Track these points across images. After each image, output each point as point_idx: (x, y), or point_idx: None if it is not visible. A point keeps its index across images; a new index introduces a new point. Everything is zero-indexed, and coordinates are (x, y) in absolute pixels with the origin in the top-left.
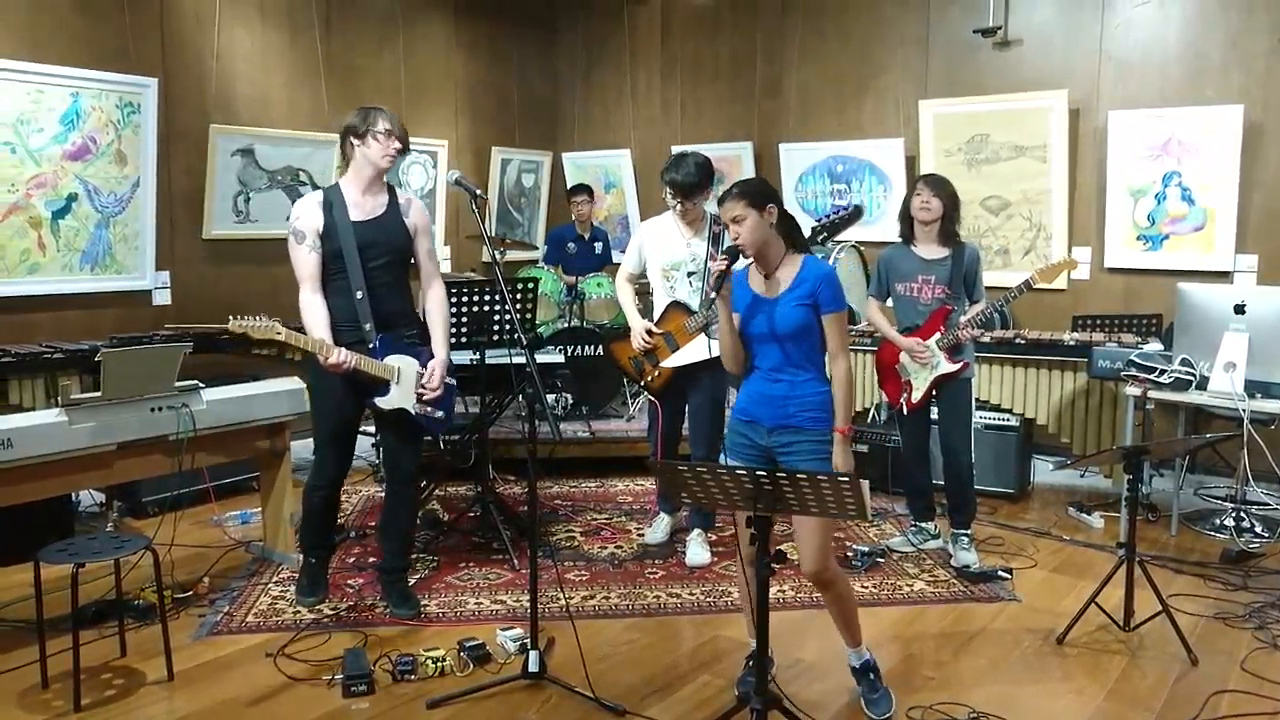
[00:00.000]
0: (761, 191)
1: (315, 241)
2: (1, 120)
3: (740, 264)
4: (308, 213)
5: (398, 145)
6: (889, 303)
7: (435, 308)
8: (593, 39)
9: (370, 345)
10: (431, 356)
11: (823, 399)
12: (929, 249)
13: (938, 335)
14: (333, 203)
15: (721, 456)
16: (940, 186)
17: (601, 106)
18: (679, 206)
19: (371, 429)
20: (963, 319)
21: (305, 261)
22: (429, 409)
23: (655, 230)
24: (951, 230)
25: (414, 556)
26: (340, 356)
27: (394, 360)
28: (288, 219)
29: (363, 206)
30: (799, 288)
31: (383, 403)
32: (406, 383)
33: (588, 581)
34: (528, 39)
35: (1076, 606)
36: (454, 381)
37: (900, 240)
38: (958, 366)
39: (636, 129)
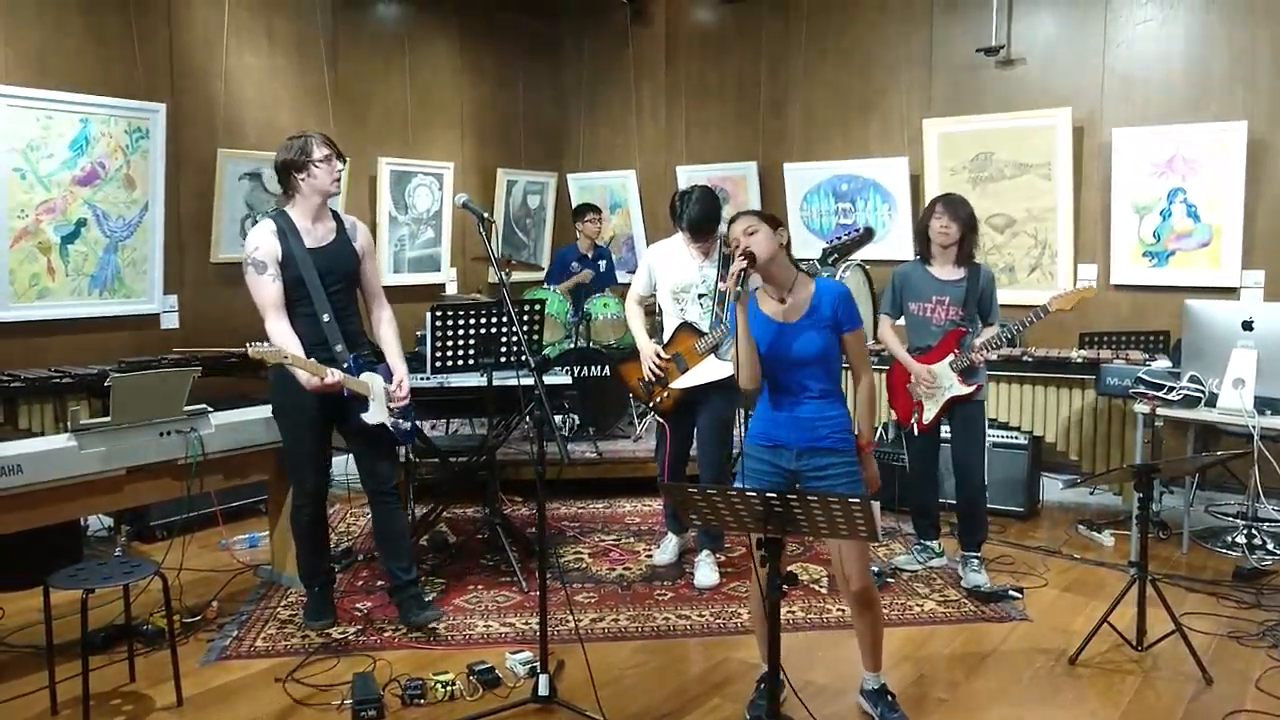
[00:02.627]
0: (771, 216)
1: (276, 270)
2: (11, 146)
3: (754, 281)
4: (265, 242)
5: (339, 167)
6: (901, 321)
7: (388, 326)
8: (597, 60)
9: (345, 365)
10: (389, 372)
11: (847, 420)
12: (945, 270)
13: (951, 358)
14: (286, 230)
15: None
16: (958, 208)
17: (607, 127)
18: (695, 243)
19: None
20: (977, 341)
21: (269, 290)
22: (398, 420)
23: (665, 253)
24: (969, 252)
25: (422, 580)
26: (334, 376)
27: (366, 377)
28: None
29: (314, 234)
30: (817, 311)
31: (368, 418)
32: (379, 398)
33: (596, 603)
34: (533, 61)
35: (1088, 626)
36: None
37: (917, 258)
38: (971, 389)
39: (641, 150)
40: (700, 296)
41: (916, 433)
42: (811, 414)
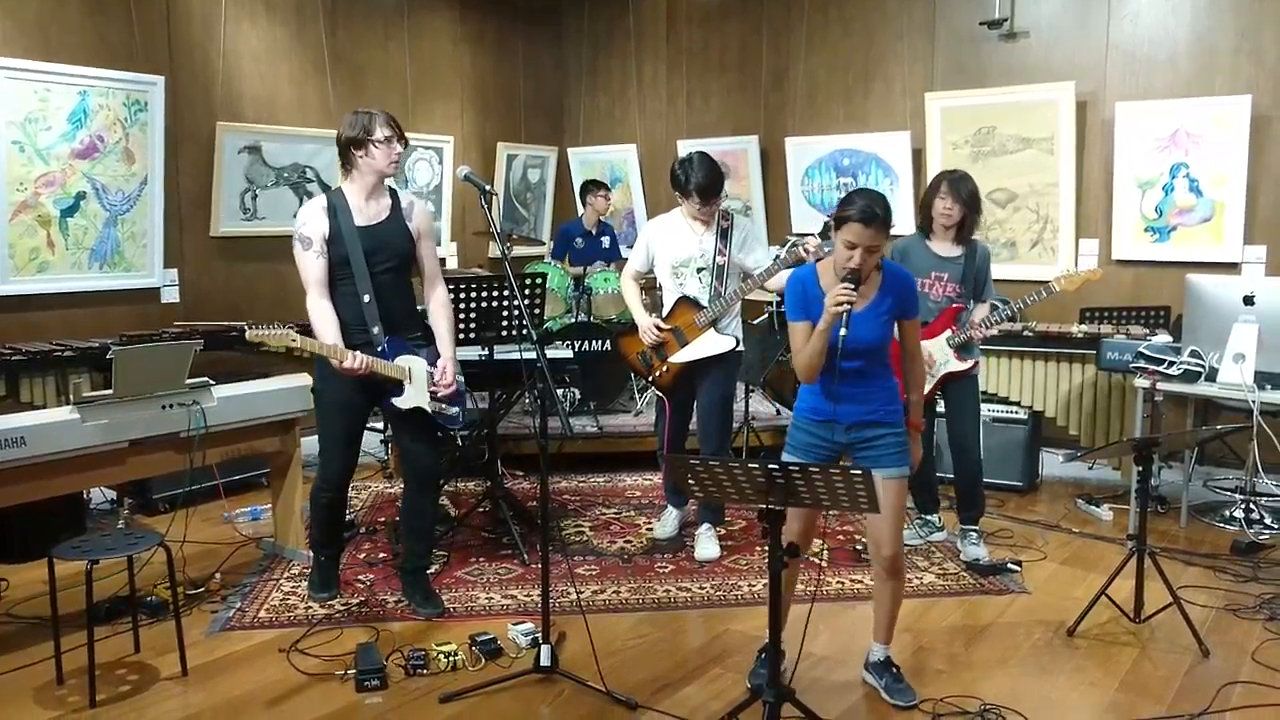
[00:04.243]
0: (891, 218)
1: (322, 247)
2: (10, 119)
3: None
4: (313, 219)
5: (398, 150)
6: None
7: (439, 308)
8: (598, 32)
9: (379, 348)
10: (438, 356)
11: (895, 390)
12: (944, 246)
13: (948, 334)
14: (337, 207)
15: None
16: (961, 188)
17: (607, 101)
18: (705, 208)
19: (379, 425)
20: (974, 318)
21: (313, 267)
22: (443, 406)
23: (664, 227)
24: (969, 230)
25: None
26: (356, 361)
27: (404, 361)
28: (294, 217)
29: (366, 212)
30: (884, 301)
31: (399, 403)
32: (419, 382)
33: (598, 576)
34: (533, 33)
35: (1086, 599)
36: (462, 379)
37: (918, 232)
38: (967, 365)
39: (642, 123)
40: (699, 270)
41: None
42: (862, 390)
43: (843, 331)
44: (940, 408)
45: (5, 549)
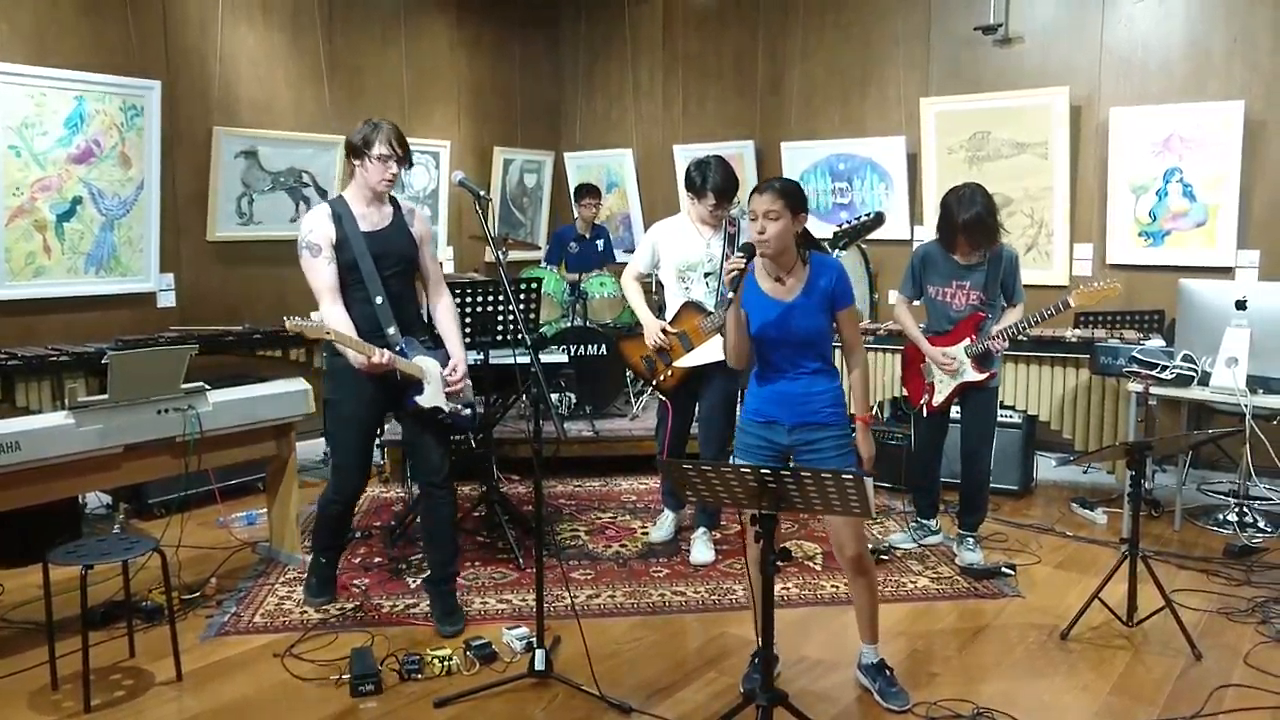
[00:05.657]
0: (800, 197)
1: (331, 253)
2: (6, 123)
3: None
4: (320, 226)
5: (394, 170)
6: (918, 302)
7: (445, 312)
8: (594, 37)
9: (397, 348)
10: (448, 356)
11: (838, 393)
12: (966, 255)
13: (966, 342)
14: (341, 215)
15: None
16: (988, 238)
17: (604, 105)
18: (718, 210)
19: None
20: (995, 329)
21: (324, 274)
22: (459, 406)
23: (671, 231)
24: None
25: (418, 556)
26: (383, 356)
27: (420, 360)
28: (293, 221)
29: (369, 218)
30: (814, 290)
31: (422, 401)
32: (435, 382)
33: (593, 580)
34: (530, 38)
35: (1080, 602)
36: (470, 381)
37: (936, 239)
38: (984, 376)
39: (639, 128)
40: (706, 275)
41: (925, 414)
42: (803, 389)
43: (730, 295)
44: (955, 413)
45: (0, 553)
